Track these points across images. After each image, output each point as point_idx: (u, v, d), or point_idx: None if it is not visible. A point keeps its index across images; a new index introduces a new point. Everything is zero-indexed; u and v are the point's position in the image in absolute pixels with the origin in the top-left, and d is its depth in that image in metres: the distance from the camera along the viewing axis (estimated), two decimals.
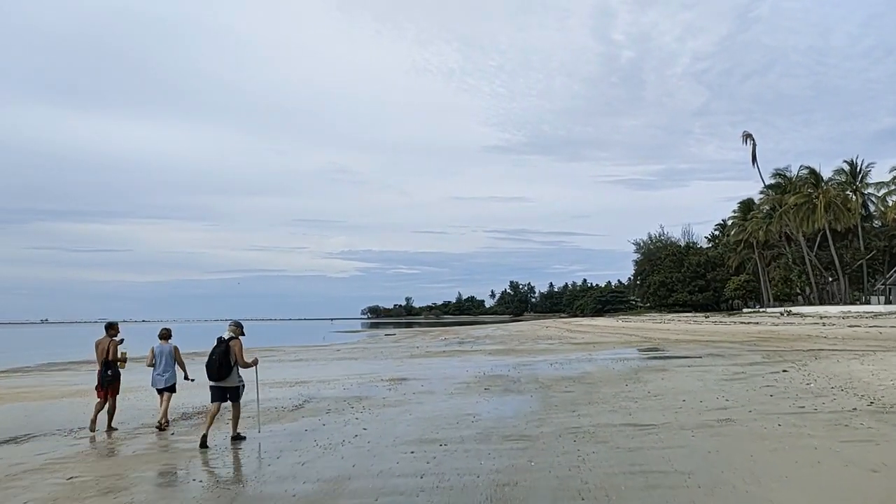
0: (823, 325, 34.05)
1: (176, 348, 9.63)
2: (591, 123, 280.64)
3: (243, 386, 8.34)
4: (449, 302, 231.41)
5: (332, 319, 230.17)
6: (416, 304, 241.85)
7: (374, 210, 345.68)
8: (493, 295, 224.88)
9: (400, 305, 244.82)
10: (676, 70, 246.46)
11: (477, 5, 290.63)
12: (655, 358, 19.48)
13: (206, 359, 8.19)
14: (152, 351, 9.48)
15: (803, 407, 8.88)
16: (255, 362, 8.45)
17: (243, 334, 8.35)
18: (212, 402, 8.20)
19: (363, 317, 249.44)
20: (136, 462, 7.31)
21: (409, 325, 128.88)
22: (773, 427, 7.62)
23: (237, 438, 8.20)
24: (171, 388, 9.50)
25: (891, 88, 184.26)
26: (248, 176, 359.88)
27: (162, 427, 9.25)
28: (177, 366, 9.59)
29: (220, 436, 8.34)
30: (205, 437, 7.90)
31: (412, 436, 8.14)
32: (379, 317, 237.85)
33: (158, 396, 9.51)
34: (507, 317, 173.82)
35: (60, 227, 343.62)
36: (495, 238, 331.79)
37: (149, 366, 9.52)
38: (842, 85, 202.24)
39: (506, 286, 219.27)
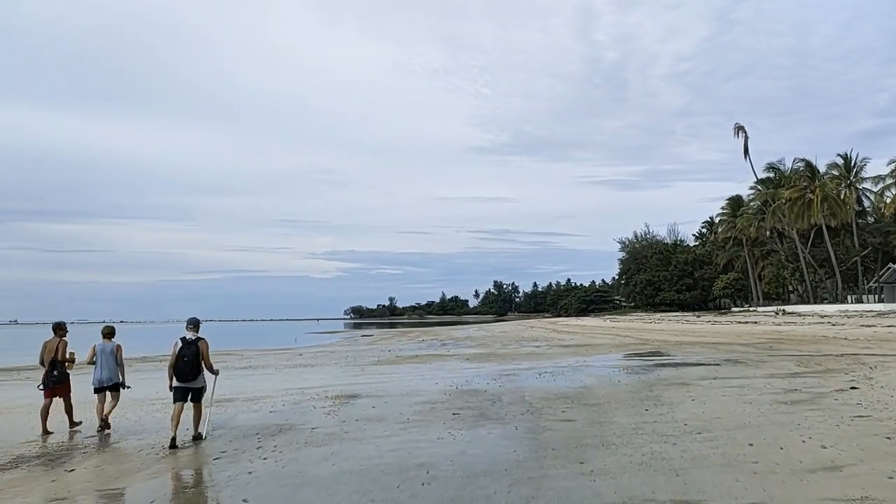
0: (832, 324, 31.20)
1: (119, 347, 9.21)
2: (574, 124, 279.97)
3: (205, 388, 8.24)
4: (433, 302, 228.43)
5: (318, 320, 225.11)
6: (400, 305, 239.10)
7: (357, 210, 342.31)
8: (476, 295, 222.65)
9: (383, 305, 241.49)
10: (659, 71, 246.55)
11: (460, 6, 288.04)
12: (664, 365, 16.24)
13: (166, 362, 8.12)
14: (93, 349, 9.04)
15: None
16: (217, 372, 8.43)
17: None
18: (175, 402, 7.99)
19: (346, 317, 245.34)
20: None
21: (391, 325, 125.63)
22: None
23: (197, 438, 8.02)
24: (114, 388, 9.09)
25: (870, 90, 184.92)
26: (229, 176, 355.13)
27: (104, 426, 8.83)
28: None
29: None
30: (174, 438, 7.66)
31: None
32: (362, 317, 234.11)
33: (96, 396, 9.01)
34: (490, 317, 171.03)
35: (36, 227, 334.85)
36: (479, 238, 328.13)
37: (89, 363, 9.12)
38: (821, 87, 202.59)
39: (490, 286, 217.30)
